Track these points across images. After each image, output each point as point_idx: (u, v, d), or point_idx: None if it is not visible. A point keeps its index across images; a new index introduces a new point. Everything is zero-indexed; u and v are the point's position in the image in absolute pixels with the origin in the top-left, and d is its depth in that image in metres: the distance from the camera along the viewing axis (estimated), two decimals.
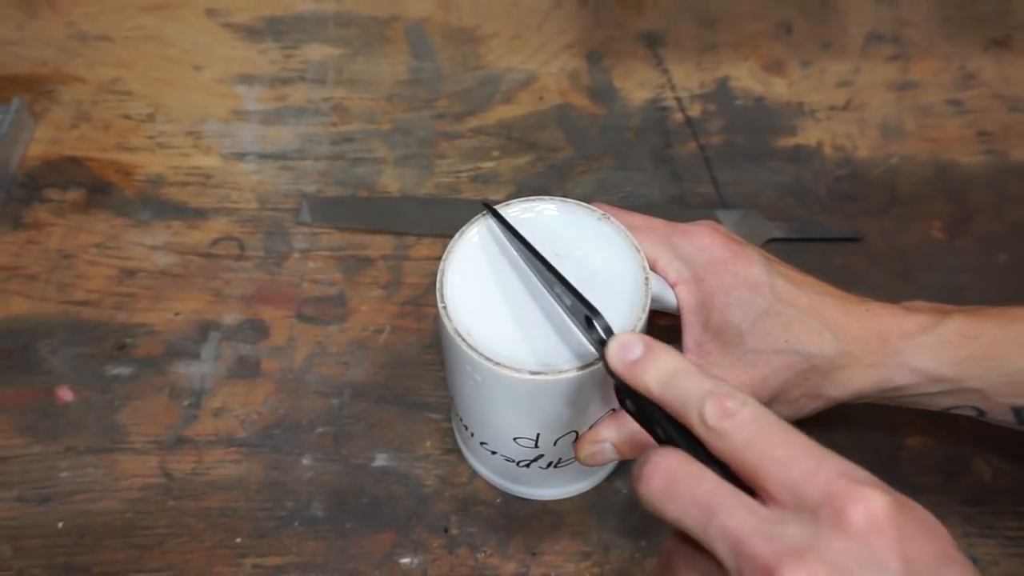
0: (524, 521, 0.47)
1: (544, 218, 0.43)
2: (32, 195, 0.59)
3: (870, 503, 0.28)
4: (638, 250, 0.41)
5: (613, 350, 0.34)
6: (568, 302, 0.38)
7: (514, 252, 0.41)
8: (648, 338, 0.34)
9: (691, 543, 0.30)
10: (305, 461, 0.49)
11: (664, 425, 0.32)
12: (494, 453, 0.45)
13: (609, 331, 0.36)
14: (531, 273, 0.41)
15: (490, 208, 0.42)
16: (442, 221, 0.57)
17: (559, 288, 0.38)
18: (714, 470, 0.30)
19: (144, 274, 0.55)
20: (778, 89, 0.64)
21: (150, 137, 0.62)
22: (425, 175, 0.60)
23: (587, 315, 0.37)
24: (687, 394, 0.31)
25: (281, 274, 0.56)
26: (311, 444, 0.50)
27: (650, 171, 0.60)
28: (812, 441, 0.30)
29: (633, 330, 0.39)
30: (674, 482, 0.30)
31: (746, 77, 0.64)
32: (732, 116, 0.62)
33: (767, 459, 0.29)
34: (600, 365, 0.38)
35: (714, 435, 0.30)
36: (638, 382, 0.33)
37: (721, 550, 0.29)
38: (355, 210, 0.58)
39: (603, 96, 0.64)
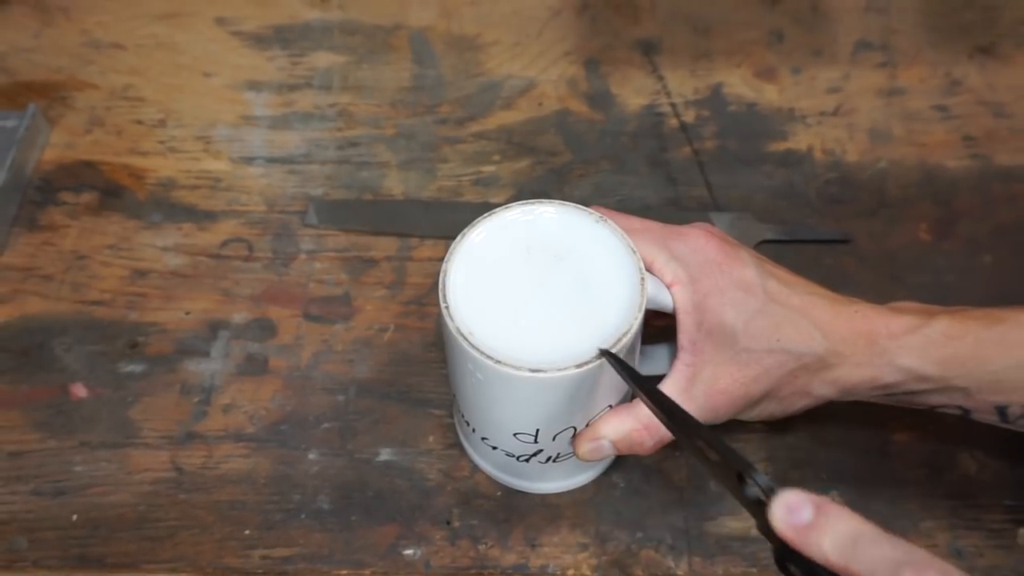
0: (524, 514, 0.47)
1: (543, 221, 0.43)
2: (47, 198, 0.59)
3: None
4: (634, 252, 0.41)
5: (780, 512, 0.30)
6: (713, 456, 0.34)
7: (515, 255, 0.41)
8: (818, 497, 0.30)
9: None
10: (312, 456, 0.49)
11: None
12: (495, 448, 0.45)
13: (770, 489, 0.31)
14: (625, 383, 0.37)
15: (606, 352, 0.38)
16: (444, 223, 0.57)
17: (701, 441, 0.34)
18: None
19: (155, 275, 0.55)
20: (770, 95, 0.64)
21: (161, 142, 0.62)
22: (428, 179, 0.60)
23: (739, 471, 0.32)
24: (876, 565, 0.28)
25: (288, 275, 0.56)
26: (317, 439, 0.50)
27: (646, 175, 0.60)
28: None
29: (628, 331, 0.39)
30: None
31: (739, 84, 0.64)
32: (725, 121, 0.62)
33: None
34: (599, 363, 0.38)
35: None
36: (812, 549, 0.29)
37: None
38: (360, 213, 0.58)
39: (600, 102, 0.64)
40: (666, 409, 0.36)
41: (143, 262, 0.56)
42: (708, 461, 0.34)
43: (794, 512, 0.30)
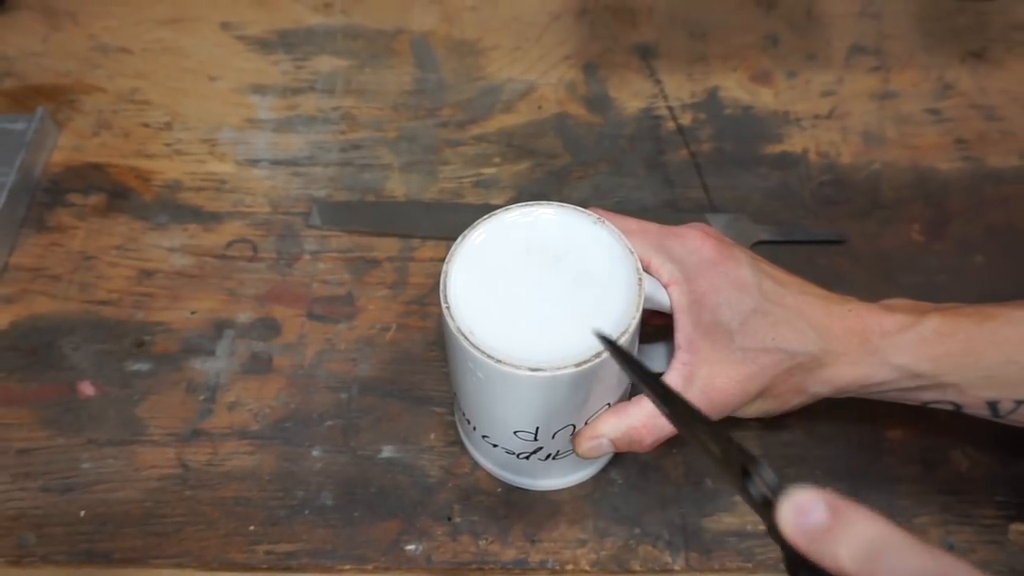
0: (524, 510, 0.47)
1: (543, 222, 0.43)
2: (55, 200, 0.59)
3: None
4: (632, 252, 0.41)
5: (788, 514, 0.26)
6: (716, 450, 0.30)
7: (515, 256, 0.41)
8: (833, 497, 0.26)
9: None
10: (315, 453, 0.49)
11: None
12: (495, 446, 0.45)
13: (777, 486, 0.27)
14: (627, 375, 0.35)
15: (604, 338, 0.36)
16: (445, 224, 0.57)
17: (703, 434, 0.31)
18: None
19: (162, 275, 0.55)
20: (765, 99, 0.64)
21: (167, 144, 0.62)
22: (429, 181, 0.60)
23: (744, 465, 0.28)
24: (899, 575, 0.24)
25: (292, 275, 0.56)
26: (321, 436, 0.50)
27: (643, 177, 0.60)
28: None
29: (627, 329, 0.39)
30: None
31: (735, 87, 0.64)
32: (721, 124, 0.62)
33: None
34: (597, 362, 0.38)
35: None
36: (825, 556, 0.25)
37: None
38: (363, 214, 0.58)
39: (599, 105, 0.64)
40: (669, 400, 0.33)
41: (150, 263, 0.56)
42: (711, 455, 0.31)
43: (805, 514, 0.26)
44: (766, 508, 0.27)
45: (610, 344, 0.36)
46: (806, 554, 0.26)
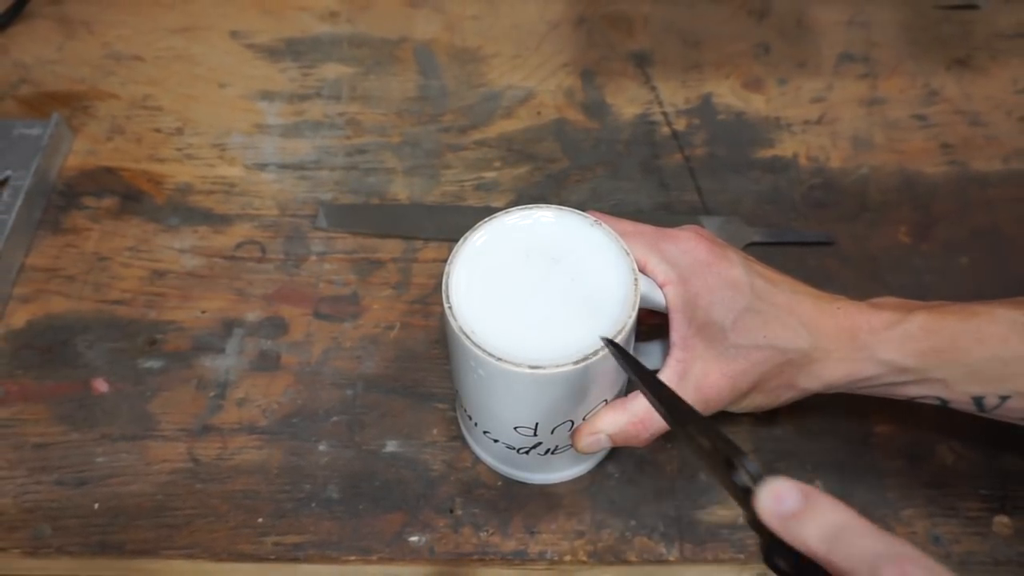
0: (523, 503, 0.47)
1: (541, 224, 0.43)
2: (70, 202, 0.59)
3: None
4: (628, 253, 0.41)
5: (766, 500, 0.28)
6: (705, 444, 0.32)
7: (515, 257, 0.41)
8: (806, 486, 0.28)
9: None
10: (321, 447, 0.49)
11: None
12: (496, 441, 0.45)
13: (758, 476, 0.29)
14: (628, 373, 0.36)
15: (609, 341, 0.37)
16: (448, 226, 0.57)
17: (692, 427, 0.32)
18: None
19: (173, 275, 0.55)
20: (757, 105, 0.64)
21: (179, 149, 0.62)
22: (432, 184, 0.60)
23: (729, 457, 0.30)
24: (859, 555, 0.26)
25: (299, 275, 0.56)
26: (327, 432, 0.50)
27: (639, 180, 0.60)
28: None
29: (623, 329, 0.39)
30: None
31: (728, 94, 0.64)
32: (715, 130, 0.62)
33: None
34: (595, 359, 0.38)
35: None
36: (796, 538, 0.27)
37: None
38: (367, 216, 0.58)
39: (596, 111, 0.64)
40: (659, 394, 0.35)
41: (161, 263, 0.56)
42: (699, 448, 0.32)
43: (781, 500, 0.28)
44: (747, 497, 0.29)
45: (612, 345, 0.38)
46: (780, 536, 0.28)
